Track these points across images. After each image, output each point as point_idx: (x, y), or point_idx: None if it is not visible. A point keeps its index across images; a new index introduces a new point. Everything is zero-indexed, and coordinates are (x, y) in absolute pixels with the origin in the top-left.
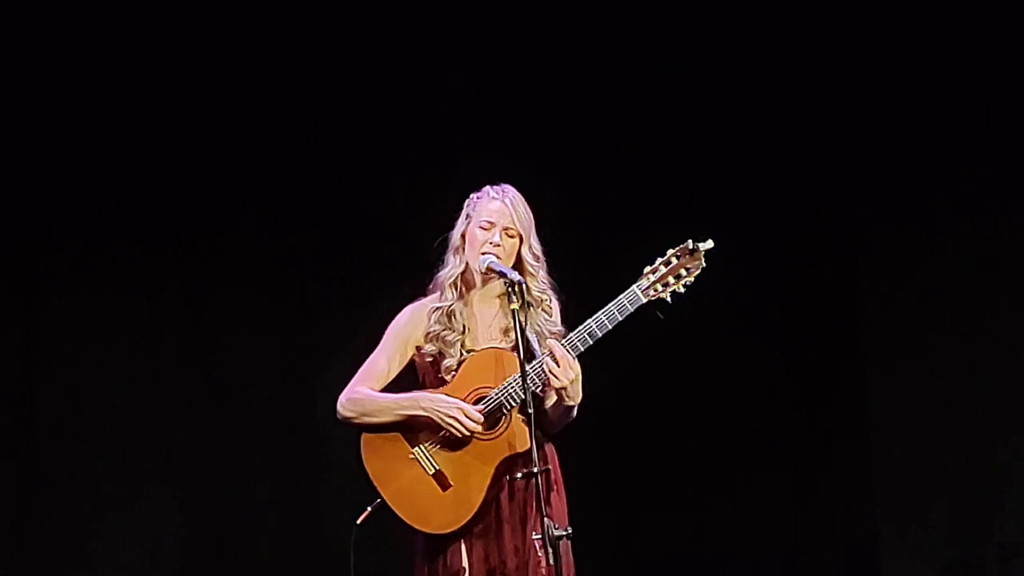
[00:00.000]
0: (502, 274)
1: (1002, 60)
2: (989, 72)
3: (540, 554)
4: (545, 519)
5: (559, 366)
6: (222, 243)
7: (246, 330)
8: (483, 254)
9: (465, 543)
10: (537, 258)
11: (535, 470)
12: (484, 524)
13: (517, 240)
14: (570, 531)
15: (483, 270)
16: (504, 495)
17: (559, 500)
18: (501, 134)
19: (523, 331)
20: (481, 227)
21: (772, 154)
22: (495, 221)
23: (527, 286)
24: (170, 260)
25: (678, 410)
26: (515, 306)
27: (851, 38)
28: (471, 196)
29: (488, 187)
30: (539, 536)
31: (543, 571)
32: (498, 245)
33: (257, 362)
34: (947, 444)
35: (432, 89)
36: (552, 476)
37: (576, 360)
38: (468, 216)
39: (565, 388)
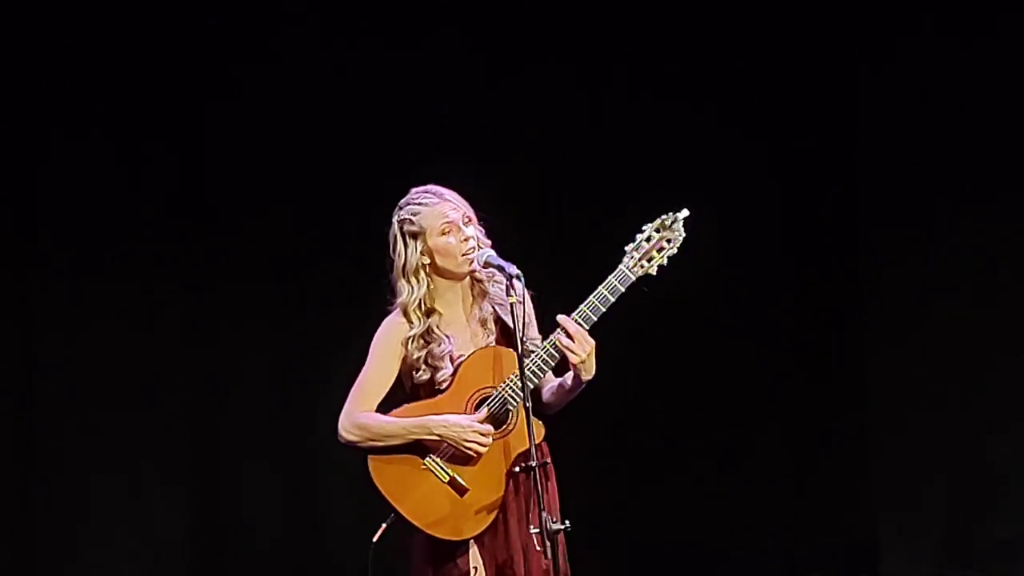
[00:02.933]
0: (500, 268)
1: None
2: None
3: (538, 548)
4: (543, 513)
5: (574, 341)
6: (221, 235)
7: (247, 325)
8: (470, 251)
9: (475, 542)
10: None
11: (533, 464)
12: (493, 522)
13: (472, 225)
14: (568, 525)
15: (482, 265)
16: (510, 490)
17: (552, 488)
18: (499, 116)
19: (518, 331)
20: (443, 232)
21: (773, 122)
22: (454, 219)
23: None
24: (170, 254)
25: (674, 402)
26: (513, 299)
27: None
28: (397, 218)
29: (408, 203)
30: (537, 530)
31: (545, 565)
32: (470, 238)
33: (258, 356)
34: (946, 438)
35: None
36: (549, 466)
37: (588, 333)
38: (415, 235)
39: (583, 362)
